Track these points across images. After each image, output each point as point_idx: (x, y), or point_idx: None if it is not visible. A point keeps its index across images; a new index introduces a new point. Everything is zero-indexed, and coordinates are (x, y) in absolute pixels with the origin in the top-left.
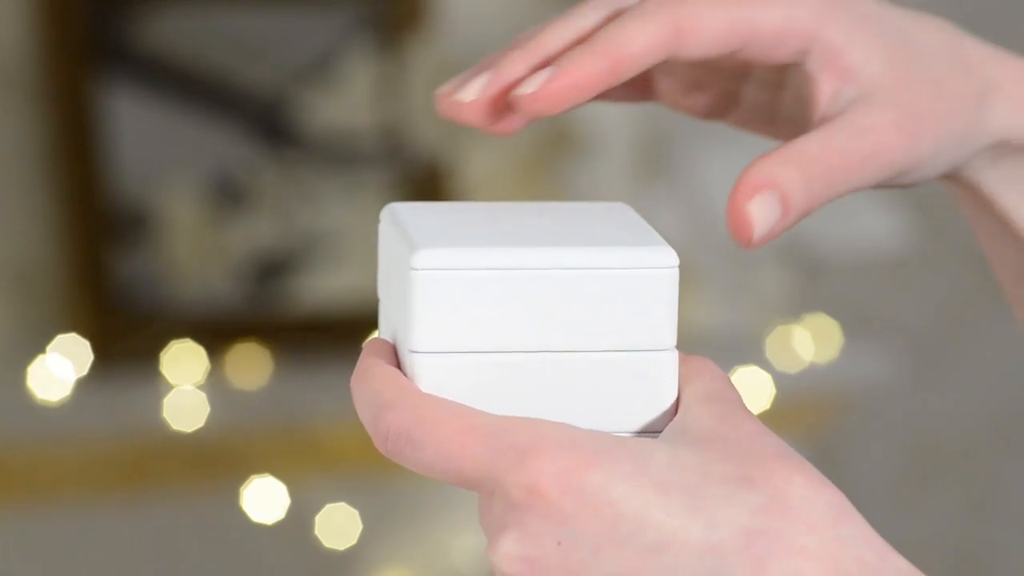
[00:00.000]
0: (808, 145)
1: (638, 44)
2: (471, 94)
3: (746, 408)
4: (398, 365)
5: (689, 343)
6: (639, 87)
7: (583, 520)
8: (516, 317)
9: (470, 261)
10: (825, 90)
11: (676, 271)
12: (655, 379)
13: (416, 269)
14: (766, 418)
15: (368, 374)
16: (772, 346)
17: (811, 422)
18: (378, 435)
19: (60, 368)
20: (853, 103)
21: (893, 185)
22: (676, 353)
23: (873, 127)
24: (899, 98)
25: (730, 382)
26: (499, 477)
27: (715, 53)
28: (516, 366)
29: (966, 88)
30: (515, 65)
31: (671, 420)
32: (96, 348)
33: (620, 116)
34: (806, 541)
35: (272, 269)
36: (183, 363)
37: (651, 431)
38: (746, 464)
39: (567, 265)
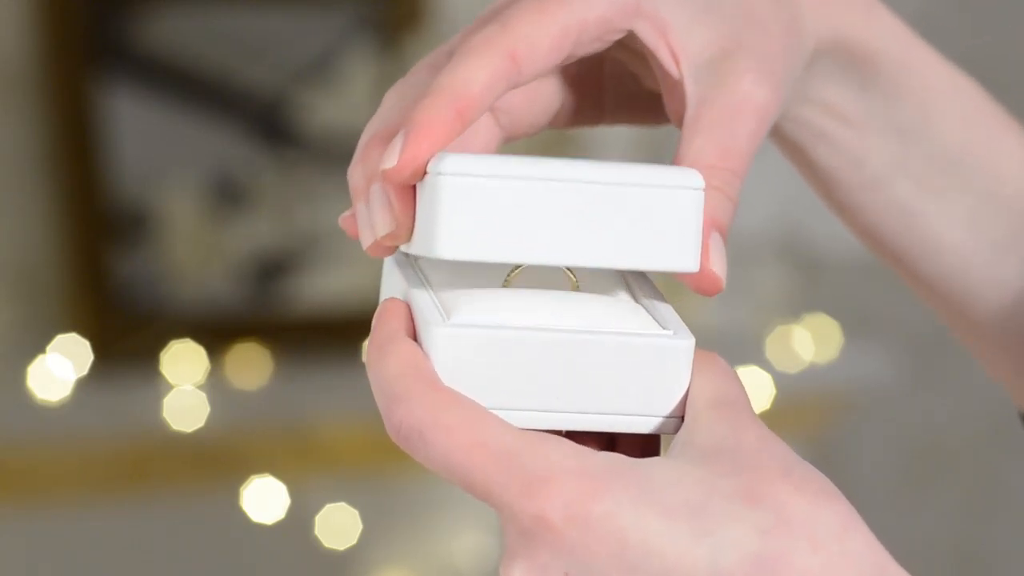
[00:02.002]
0: (703, 154)
1: (478, 84)
2: (380, 227)
3: (752, 411)
4: (414, 333)
5: None
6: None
7: (590, 550)
8: (539, 229)
9: (495, 169)
10: (668, 59)
11: (702, 193)
12: (671, 366)
13: (442, 174)
14: (766, 418)
15: (385, 351)
16: (772, 346)
17: (811, 422)
18: (390, 423)
19: (60, 368)
20: (708, 79)
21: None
22: (693, 342)
23: (743, 99)
24: (746, 56)
25: (737, 379)
26: (508, 501)
27: (553, 63)
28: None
29: (782, 15)
30: (373, 155)
31: (680, 408)
32: (96, 348)
33: None
34: (810, 562)
35: (272, 269)
36: (183, 363)
37: (661, 416)
38: (751, 479)
39: (593, 179)
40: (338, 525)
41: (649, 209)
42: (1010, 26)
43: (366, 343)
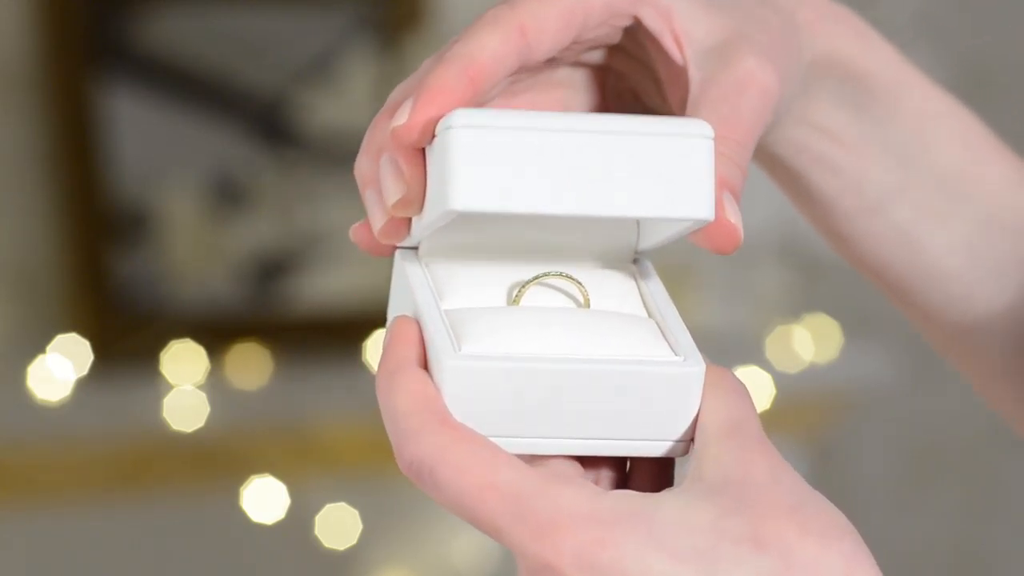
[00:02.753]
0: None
1: (488, 51)
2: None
3: (761, 436)
4: (424, 359)
5: None
6: None
7: None
8: (552, 180)
9: (507, 121)
10: (672, 44)
11: (712, 142)
12: (682, 393)
13: (452, 127)
14: (766, 418)
15: (395, 381)
16: (772, 346)
17: (811, 422)
18: (401, 459)
19: (60, 368)
20: (712, 64)
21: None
22: (703, 368)
23: (747, 76)
24: (749, 43)
25: (748, 398)
26: (518, 543)
27: (561, 43)
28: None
29: (781, 21)
30: (381, 127)
31: (691, 431)
32: (96, 348)
33: None
34: None
35: (272, 269)
36: (183, 363)
37: (672, 440)
38: (758, 520)
39: (605, 129)
40: (338, 525)
41: (662, 157)
42: (1010, 26)
43: (368, 343)
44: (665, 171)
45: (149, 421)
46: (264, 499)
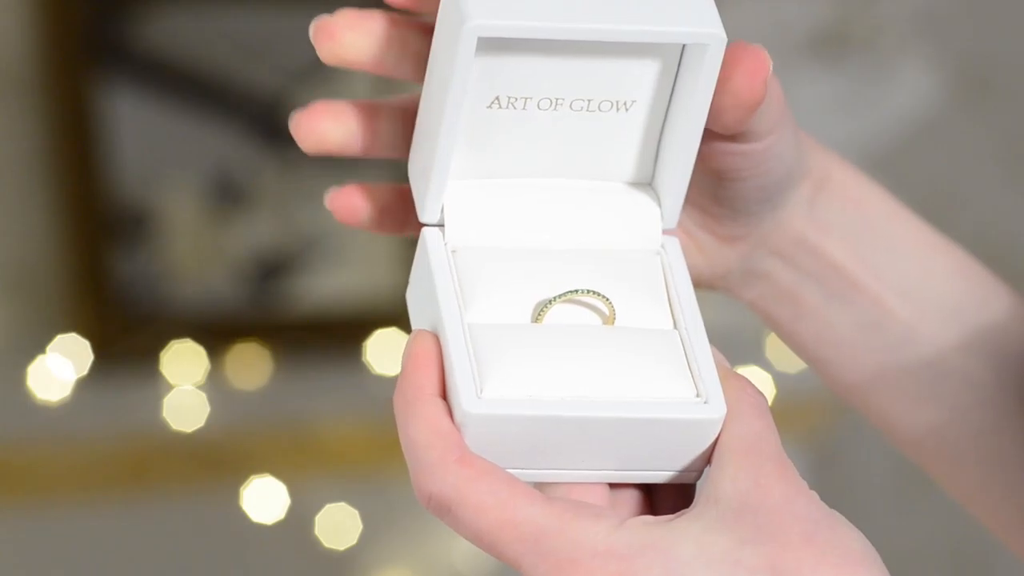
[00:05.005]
0: None
1: None
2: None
3: (779, 455)
4: (443, 387)
5: None
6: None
7: None
8: (565, 5)
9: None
10: None
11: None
12: (701, 435)
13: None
14: None
15: (414, 410)
16: (772, 346)
17: (811, 422)
18: (419, 491)
19: (60, 368)
20: None
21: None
22: (724, 412)
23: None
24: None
25: (766, 413)
26: None
27: None
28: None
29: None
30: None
31: (707, 459)
32: (96, 348)
33: None
34: None
35: (272, 269)
36: (183, 363)
37: (690, 469)
38: (775, 548)
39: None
40: (338, 525)
41: None
42: (1010, 26)
43: (368, 343)
44: (670, 3)
45: (149, 421)
46: (264, 499)
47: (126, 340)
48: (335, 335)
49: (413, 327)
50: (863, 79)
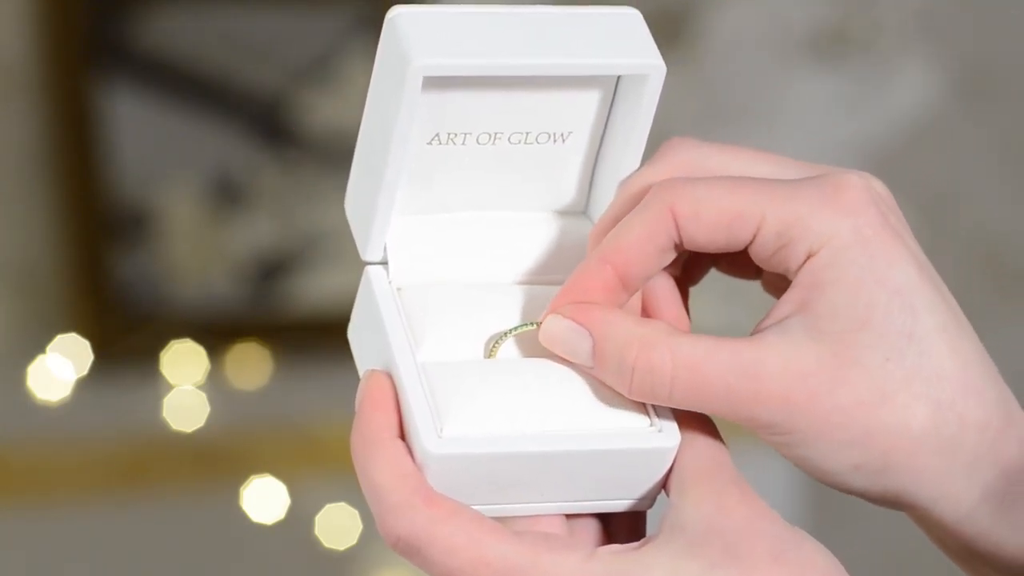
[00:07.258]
0: None
1: (634, 235)
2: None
3: (736, 478)
4: (400, 428)
5: None
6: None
7: None
8: (502, 41)
9: (451, 10)
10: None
11: (640, 15)
12: (656, 462)
13: (391, 17)
14: None
15: (373, 452)
16: None
17: None
18: (385, 533)
19: (60, 368)
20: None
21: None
22: (678, 441)
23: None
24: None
25: (721, 442)
26: None
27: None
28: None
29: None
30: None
31: (661, 487)
32: (96, 348)
33: None
34: None
35: (272, 269)
36: (183, 363)
37: (645, 498)
38: (745, 569)
39: (542, 10)
40: (338, 525)
41: (599, 26)
42: (1010, 26)
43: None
44: (608, 37)
45: (149, 421)
46: (264, 499)
47: (126, 340)
48: (335, 335)
49: (359, 366)
50: (863, 79)
